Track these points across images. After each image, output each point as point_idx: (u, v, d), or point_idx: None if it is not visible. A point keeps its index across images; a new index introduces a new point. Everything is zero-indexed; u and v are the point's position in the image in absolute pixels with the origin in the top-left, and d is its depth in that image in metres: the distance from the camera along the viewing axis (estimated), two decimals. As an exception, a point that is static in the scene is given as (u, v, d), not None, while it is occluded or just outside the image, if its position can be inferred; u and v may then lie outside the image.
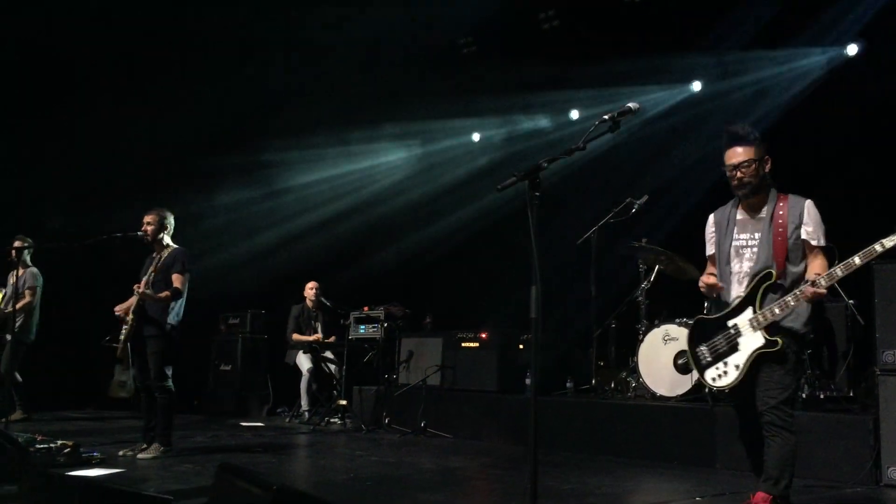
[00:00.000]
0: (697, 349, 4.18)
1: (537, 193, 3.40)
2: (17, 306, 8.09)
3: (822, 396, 6.14)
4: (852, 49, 8.29)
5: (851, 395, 6.38)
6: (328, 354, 9.51)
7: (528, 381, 7.62)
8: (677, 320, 7.16)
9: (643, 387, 7.18)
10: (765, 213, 4.10)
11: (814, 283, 3.80)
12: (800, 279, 3.98)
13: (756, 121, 8.74)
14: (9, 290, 8.67)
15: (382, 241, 11.72)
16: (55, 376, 9.83)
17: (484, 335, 8.21)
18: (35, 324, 8.81)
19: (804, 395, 6.10)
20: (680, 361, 6.91)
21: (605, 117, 3.56)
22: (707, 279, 4.24)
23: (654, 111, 9.59)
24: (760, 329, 3.95)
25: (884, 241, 3.72)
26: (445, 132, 11.52)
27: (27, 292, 8.67)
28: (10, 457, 4.80)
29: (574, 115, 10.54)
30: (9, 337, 8.30)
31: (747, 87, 8.98)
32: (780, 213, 4.04)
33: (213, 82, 10.21)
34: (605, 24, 9.45)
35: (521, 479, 5.30)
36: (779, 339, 3.91)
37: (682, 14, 8.80)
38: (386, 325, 9.09)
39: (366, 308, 9.43)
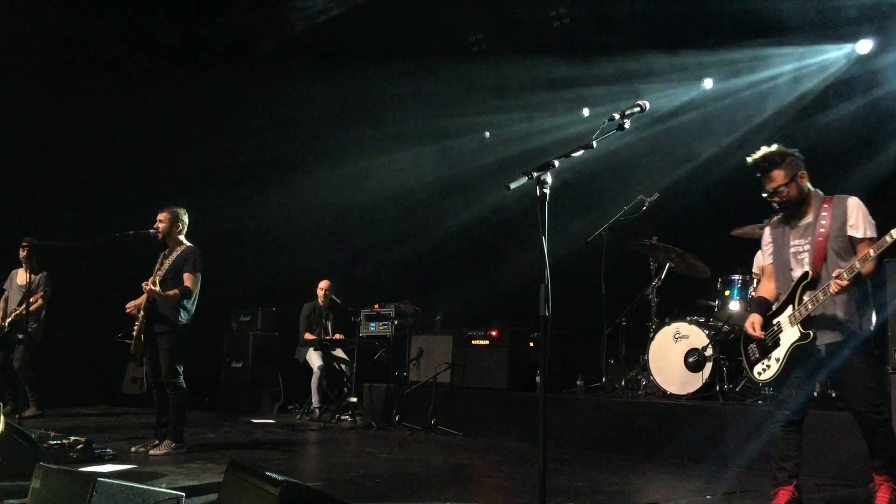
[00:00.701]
0: (748, 347, 4.47)
1: (547, 191, 3.41)
2: (32, 308, 8.15)
3: (834, 395, 6.10)
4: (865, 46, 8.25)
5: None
6: (339, 352, 9.53)
7: (537, 378, 7.62)
8: (688, 318, 7.15)
9: (653, 385, 7.17)
10: (812, 217, 4.28)
11: (838, 277, 3.96)
12: None
13: (767, 118, 8.73)
14: (14, 292, 8.72)
15: (393, 238, 11.73)
16: (68, 373, 9.89)
17: (494, 333, 8.22)
18: (42, 324, 8.87)
19: (815, 394, 6.06)
20: (690, 359, 6.90)
21: (615, 115, 3.57)
22: (751, 330, 4.38)
23: (665, 108, 9.56)
24: (797, 324, 4.17)
25: (892, 231, 3.84)
26: (457, 129, 11.52)
27: (41, 295, 8.73)
28: (24, 452, 4.84)
29: (585, 112, 10.52)
30: (21, 336, 8.37)
31: (759, 85, 8.94)
32: (824, 215, 4.21)
33: (227, 78, 10.25)
34: (615, 22, 9.43)
35: (530, 475, 5.31)
36: (811, 332, 4.10)
37: (693, 11, 8.78)
38: (396, 322, 9.11)
39: (376, 306, 9.46)
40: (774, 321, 4.30)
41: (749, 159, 4.36)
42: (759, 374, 4.36)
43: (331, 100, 10.79)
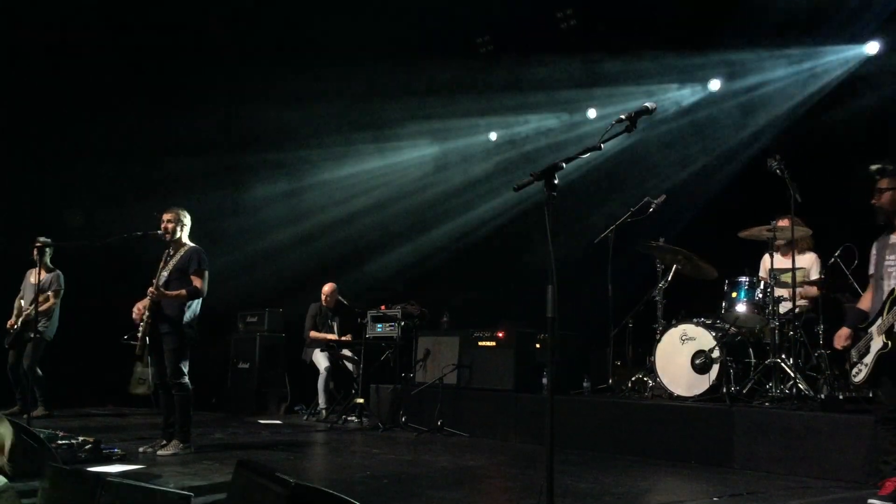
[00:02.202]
0: (851, 351, 4.91)
1: (554, 193, 3.41)
2: (43, 308, 8.19)
3: (841, 397, 6.09)
4: (873, 47, 8.23)
5: (871, 395, 6.33)
6: (346, 353, 9.55)
7: (544, 380, 7.61)
8: (695, 320, 7.14)
9: (660, 386, 7.16)
10: None
11: None
12: None
13: (773, 120, 8.71)
14: (28, 290, 8.79)
15: (400, 239, 11.75)
16: (76, 373, 9.92)
17: (501, 334, 8.22)
18: (55, 323, 8.96)
19: (823, 396, 6.06)
20: (697, 361, 6.89)
21: (622, 117, 3.58)
22: (836, 342, 5.01)
23: (672, 110, 9.56)
24: (882, 333, 4.62)
25: None
26: (462, 130, 11.53)
27: (52, 294, 8.80)
28: (33, 453, 4.86)
29: (591, 113, 10.52)
30: (32, 335, 8.43)
31: (764, 87, 8.93)
32: None
33: (231, 81, 10.28)
34: (622, 23, 9.43)
35: (537, 477, 5.31)
36: (889, 342, 4.56)
37: (700, 12, 8.77)
38: (403, 323, 9.12)
39: (383, 307, 9.47)
40: (868, 329, 4.76)
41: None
42: (854, 376, 4.86)
43: (336, 98, 10.81)
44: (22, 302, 8.87)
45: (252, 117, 11.00)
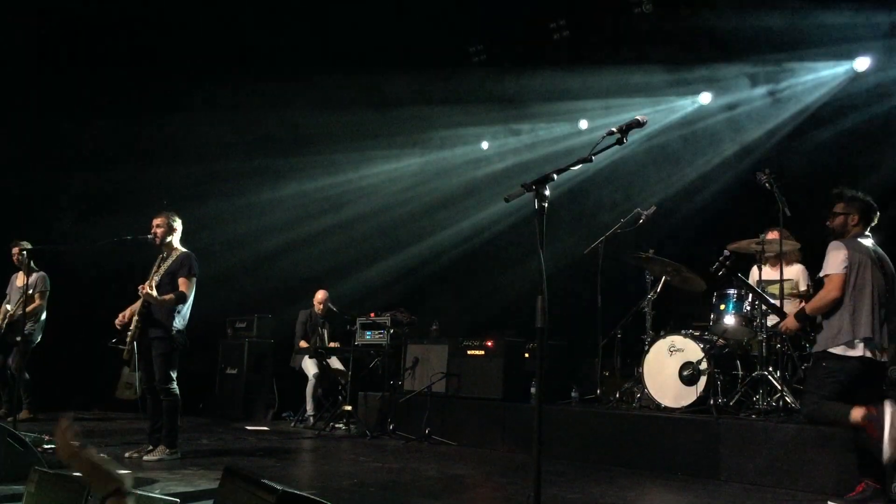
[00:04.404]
0: None
1: (545, 204, 3.43)
2: (28, 309, 8.15)
3: (827, 410, 6.12)
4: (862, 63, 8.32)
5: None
6: (334, 360, 9.53)
7: (533, 389, 7.62)
8: (683, 331, 7.17)
9: (648, 397, 7.19)
10: None
11: None
12: None
13: (763, 134, 8.78)
14: (14, 293, 8.76)
15: (390, 247, 11.75)
16: (63, 377, 9.87)
17: (490, 343, 8.22)
18: (42, 325, 8.92)
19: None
20: (685, 373, 6.92)
21: (613, 129, 3.60)
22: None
23: (663, 123, 9.61)
24: None
25: None
26: (454, 140, 11.56)
27: (37, 296, 8.76)
28: (19, 457, 4.83)
29: (583, 125, 10.57)
30: (18, 339, 8.38)
31: (756, 100, 9.00)
32: None
33: (224, 87, 10.27)
34: (614, 35, 9.49)
35: (524, 487, 5.32)
36: None
37: (691, 25, 8.84)
38: (392, 331, 9.10)
39: (372, 314, 9.46)
40: None
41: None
42: None
43: (331, 104, 10.82)
44: (7, 306, 8.82)
45: (243, 124, 10.98)
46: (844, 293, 5.01)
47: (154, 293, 6.13)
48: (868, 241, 5.18)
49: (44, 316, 8.93)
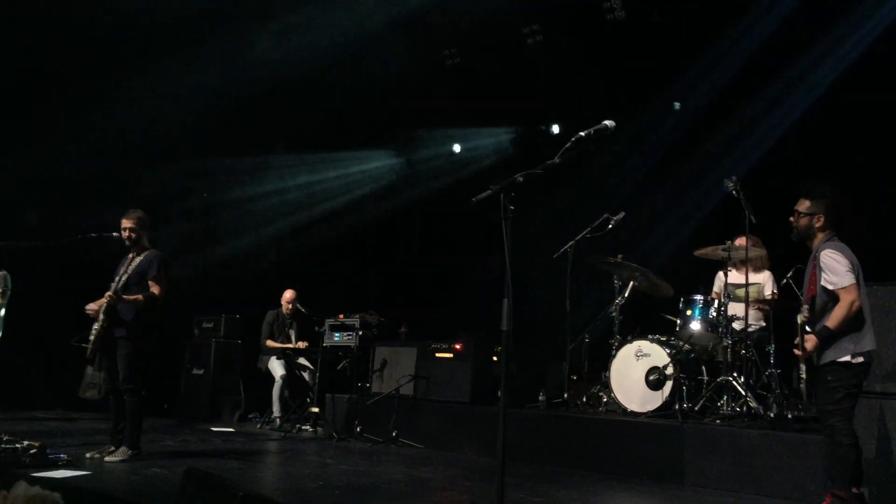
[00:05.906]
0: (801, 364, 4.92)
1: (512, 207, 3.44)
2: None
3: (790, 416, 6.20)
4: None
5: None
6: (302, 361, 9.47)
7: (500, 392, 7.61)
8: (650, 336, 7.23)
9: (614, 402, 7.22)
10: None
11: None
12: None
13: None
14: None
15: (360, 248, 11.71)
16: (24, 376, 9.70)
17: (458, 346, 8.22)
18: (1, 324, 8.73)
19: (772, 415, 6.16)
20: (651, 378, 6.97)
21: (581, 134, 3.61)
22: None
23: (632, 129, 9.67)
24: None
25: None
26: (427, 142, 11.56)
27: None
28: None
29: (555, 129, 10.62)
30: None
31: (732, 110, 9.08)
32: None
33: (189, 82, 10.14)
34: (588, 40, 9.54)
35: (490, 490, 5.30)
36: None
37: (665, 32, 8.92)
38: (361, 333, 9.05)
39: (341, 315, 9.39)
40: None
41: None
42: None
43: (299, 105, 10.76)
44: None
45: (210, 120, 10.85)
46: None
47: (122, 296, 6.05)
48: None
49: (2, 315, 8.73)
